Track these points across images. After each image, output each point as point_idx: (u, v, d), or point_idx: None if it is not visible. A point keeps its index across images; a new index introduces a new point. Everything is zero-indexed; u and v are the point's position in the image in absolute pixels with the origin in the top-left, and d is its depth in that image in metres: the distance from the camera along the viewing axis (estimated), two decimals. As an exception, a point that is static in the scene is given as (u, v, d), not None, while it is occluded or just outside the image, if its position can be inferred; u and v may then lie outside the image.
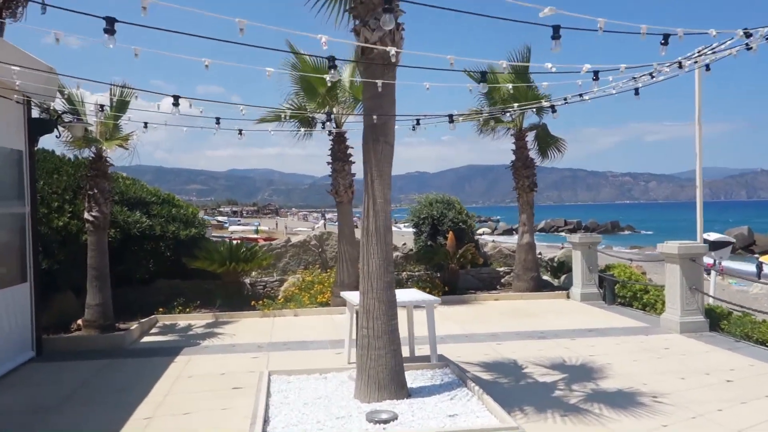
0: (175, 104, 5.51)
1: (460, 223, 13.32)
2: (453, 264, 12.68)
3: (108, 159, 9.12)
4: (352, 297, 7.15)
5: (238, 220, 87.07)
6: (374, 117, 5.39)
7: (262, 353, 8.13)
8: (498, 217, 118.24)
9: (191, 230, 11.42)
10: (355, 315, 7.31)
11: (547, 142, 13.37)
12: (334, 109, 11.46)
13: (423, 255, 12.91)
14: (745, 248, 56.39)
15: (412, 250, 14.00)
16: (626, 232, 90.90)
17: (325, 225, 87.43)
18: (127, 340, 8.77)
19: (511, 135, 13.32)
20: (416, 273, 13.21)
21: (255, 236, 42.52)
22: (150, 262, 11.12)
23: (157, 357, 7.99)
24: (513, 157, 13.29)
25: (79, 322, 9.23)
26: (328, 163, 11.67)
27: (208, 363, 7.62)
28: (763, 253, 44.38)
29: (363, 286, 5.60)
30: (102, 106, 7.78)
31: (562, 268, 14.41)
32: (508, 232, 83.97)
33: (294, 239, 13.48)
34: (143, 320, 9.95)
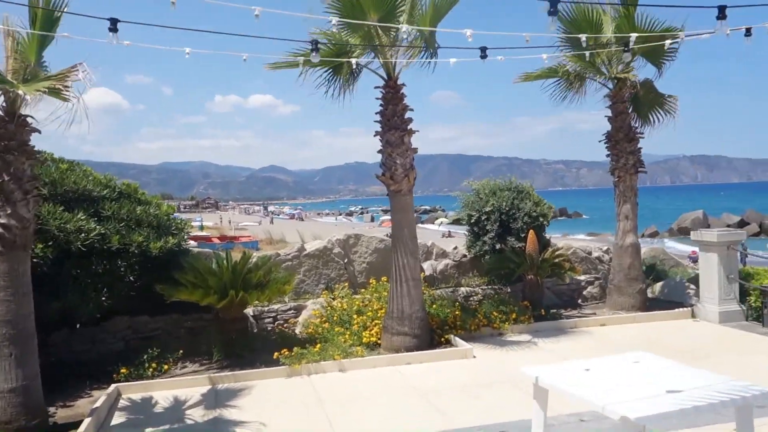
0: None
1: (540, 218, 9.72)
2: (534, 275, 9.08)
3: (29, 119, 4.98)
4: (559, 383, 3.46)
5: (178, 216, 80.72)
6: None
7: (345, 481, 4.26)
8: (442, 207, 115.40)
9: (168, 240, 7.31)
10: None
11: (652, 101, 9.91)
12: (389, 53, 7.61)
13: (496, 263, 9.23)
14: (701, 233, 55.83)
15: (465, 256, 10.32)
16: (574, 218, 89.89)
17: (272, 220, 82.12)
18: (75, 456, 4.68)
19: (605, 97, 9.81)
20: (478, 288, 9.57)
21: (203, 234, 37.65)
22: (103, 293, 6.97)
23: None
24: (609, 126, 9.79)
25: (-18, 416, 5.10)
26: (377, 133, 7.80)
27: None
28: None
29: None
30: None
31: (650, 273, 11.09)
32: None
33: (309, 247, 9.52)
34: (97, 400, 5.86)
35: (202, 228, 50.37)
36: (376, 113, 7.80)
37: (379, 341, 7.77)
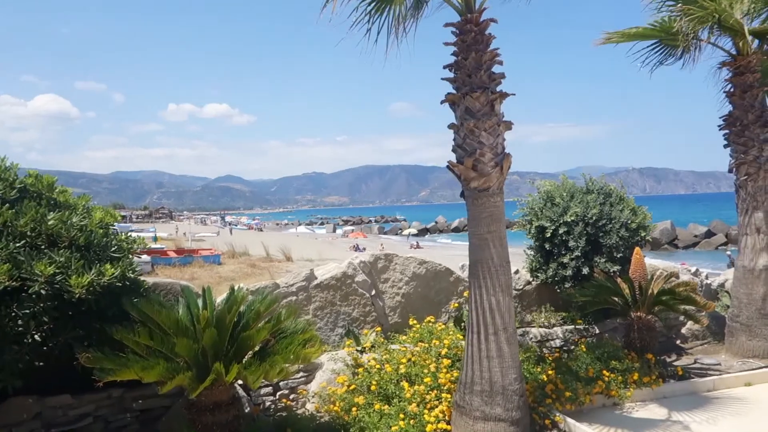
0: None
1: (640, 231, 7.03)
2: (644, 312, 6.35)
3: None
4: None
5: (129, 227, 75.64)
6: None
7: None
8: (403, 217, 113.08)
9: (103, 270, 4.26)
10: None
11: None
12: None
13: (595, 296, 6.43)
14: (670, 243, 54.51)
15: (530, 282, 7.54)
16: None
17: (231, 231, 77.41)
18: None
19: (720, 66, 7.23)
20: (557, 328, 6.80)
21: (158, 247, 33.89)
22: (-16, 365, 3.89)
23: None
24: (729, 107, 7.21)
25: None
26: (447, 97, 4.93)
27: None
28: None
29: None
30: None
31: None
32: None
33: (321, 274, 6.54)
34: None
35: (155, 239, 46.13)
36: (445, 67, 4.95)
37: (449, 426, 4.89)
